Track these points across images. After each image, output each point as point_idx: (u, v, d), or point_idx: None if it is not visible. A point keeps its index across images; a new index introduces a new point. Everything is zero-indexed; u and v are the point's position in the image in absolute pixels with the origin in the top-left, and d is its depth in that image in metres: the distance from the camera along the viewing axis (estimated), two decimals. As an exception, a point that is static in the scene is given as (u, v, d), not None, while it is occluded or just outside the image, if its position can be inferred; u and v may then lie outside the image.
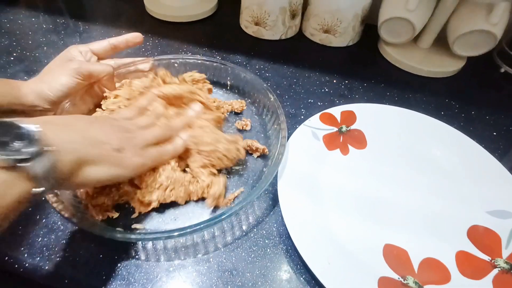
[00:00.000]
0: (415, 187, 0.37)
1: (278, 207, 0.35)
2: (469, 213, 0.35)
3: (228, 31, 0.61)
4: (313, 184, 0.36)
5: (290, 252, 0.32)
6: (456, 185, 0.37)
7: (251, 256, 0.31)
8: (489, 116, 0.48)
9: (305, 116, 0.45)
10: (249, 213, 0.34)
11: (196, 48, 0.56)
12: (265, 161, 0.38)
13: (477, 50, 0.50)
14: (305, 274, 0.30)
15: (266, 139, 0.41)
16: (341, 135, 0.41)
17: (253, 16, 0.57)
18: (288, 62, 0.54)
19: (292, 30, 0.60)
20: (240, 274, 0.30)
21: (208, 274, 0.30)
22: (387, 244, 0.32)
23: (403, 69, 0.55)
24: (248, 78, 0.43)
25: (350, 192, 0.36)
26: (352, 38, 0.58)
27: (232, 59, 0.54)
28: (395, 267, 0.30)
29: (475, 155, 0.39)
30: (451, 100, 0.50)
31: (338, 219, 0.33)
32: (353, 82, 0.52)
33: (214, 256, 0.31)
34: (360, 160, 0.39)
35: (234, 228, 0.33)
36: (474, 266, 0.31)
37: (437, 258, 0.31)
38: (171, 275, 0.29)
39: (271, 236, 0.33)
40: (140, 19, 0.62)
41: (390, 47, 0.56)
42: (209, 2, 0.64)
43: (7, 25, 0.57)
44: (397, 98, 0.49)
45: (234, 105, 0.43)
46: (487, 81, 0.54)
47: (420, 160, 0.40)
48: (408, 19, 0.49)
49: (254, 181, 0.37)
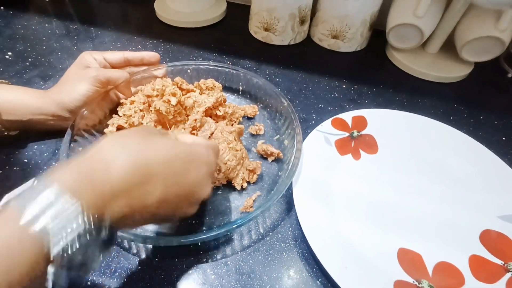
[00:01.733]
0: (427, 192, 0.38)
1: (293, 211, 0.35)
2: (480, 217, 0.35)
3: (237, 37, 0.62)
4: (327, 189, 0.37)
5: (306, 256, 0.32)
6: (467, 190, 0.38)
7: (267, 260, 0.32)
8: (497, 121, 0.48)
9: (316, 121, 0.46)
10: (266, 217, 0.35)
11: (207, 53, 0.57)
12: (279, 165, 0.39)
13: (485, 56, 0.51)
14: (321, 278, 0.31)
15: (279, 144, 0.41)
16: (353, 140, 0.42)
17: (263, 22, 0.58)
18: (297, 68, 0.55)
19: (300, 36, 0.61)
20: (258, 277, 0.30)
21: (227, 277, 0.30)
22: (401, 248, 0.32)
23: (411, 74, 0.55)
24: (260, 84, 0.44)
25: (363, 196, 0.37)
26: (360, 44, 0.59)
27: (242, 64, 0.55)
28: (410, 271, 0.31)
29: (486, 160, 0.40)
30: (460, 105, 0.50)
31: (352, 223, 0.34)
32: (362, 87, 0.52)
33: (232, 260, 0.31)
34: (372, 165, 0.40)
35: (251, 232, 0.34)
36: (487, 270, 0.31)
37: (450, 262, 0.32)
38: (191, 277, 0.30)
39: (287, 239, 0.33)
40: (151, 24, 0.63)
41: (398, 52, 0.57)
42: (218, 8, 0.65)
43: (21, 30, 0.58)
44: (406, 103, 0.50)
45: (247, 110, 0.44)
46: (495, 86, 0.55)
47: (431, 165, 0.40)
48: (417, 25, 0.50)
49: (269, 185, 0.37)
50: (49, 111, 0.36)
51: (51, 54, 0.53)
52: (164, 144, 0.24)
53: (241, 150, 0.36)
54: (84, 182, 0.20)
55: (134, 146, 0.23)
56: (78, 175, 0.20)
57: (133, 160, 0.22)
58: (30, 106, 0.35)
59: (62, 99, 0.36)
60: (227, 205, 0.35)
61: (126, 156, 0.22)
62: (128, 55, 0.41)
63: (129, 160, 0.21)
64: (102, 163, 0.21)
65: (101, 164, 0.21)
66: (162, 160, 0.23)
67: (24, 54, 0.53)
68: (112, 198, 0.20)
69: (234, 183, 0.35)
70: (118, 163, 0.21)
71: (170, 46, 0.58)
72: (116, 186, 0.20)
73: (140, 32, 0.61)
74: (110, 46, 0.57)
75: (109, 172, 0.20)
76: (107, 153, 0.22)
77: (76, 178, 0.20)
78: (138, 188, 0.21)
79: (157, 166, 0.22)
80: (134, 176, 0.21)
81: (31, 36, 0.57)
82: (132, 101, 0.40)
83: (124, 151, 0.22)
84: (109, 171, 0.20)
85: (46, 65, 0.51)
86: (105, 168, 0.21)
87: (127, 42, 0.58)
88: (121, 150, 0.22)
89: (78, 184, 0.19)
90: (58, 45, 0.56)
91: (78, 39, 0.58)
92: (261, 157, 0.40)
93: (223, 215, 0.34)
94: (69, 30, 0.60)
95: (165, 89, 0.37)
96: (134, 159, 0.22)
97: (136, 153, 0.22)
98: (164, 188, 0.22)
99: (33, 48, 0.54)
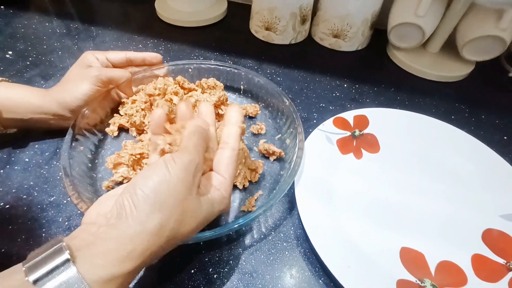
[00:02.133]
0: (429, 191, 0.38)
1: (295, 210, 0.35)
2: (482, 216, 0.35)
3: (238, 36, 0.61)
4: (329, 188, 0.37)
5: (308, 255, 0.32)
6: (469, 189, 0.38)
7: (270, 259, 0.32)
8: (499, 120, 0.48)
9: (317, 120, 0.46)
10: (268, 216, 0.35)
11: (208, 52, 0.57)
12: (281, 165, 0.39)
13: (486, 55, 0.51)
14: (324, 277, 0.31)
15: (281, 143, 0.41)
16: (354, 139, 0.42)
17: (264, 21, 0.58)
18: (298, 67, 0.55)
19: (301, 35, 0.60)
20: (260, 276, 0.30)
21: (229, 276, 0.30)
22: (404, 247, 0.32)
23: (412, 73, 0.55)
24: (262, 83, 0.44)
25: (365, 195, 0.37)
26: (361, 43, 0.59)
27: (243, 64, 0.55)
28: (413, 270, 0.31)
29: (487, 159, 0.40)
30: (461, 105, 0.50)
31: (354, 223, 0.34)
32: (363, 86, 0.52)
33: (234, 259, 0.31)
34: (373, 164, 0.40)
35: (253, 231, 0.34)
36: (490, 269, 0.31)
37: (453, 261, 0.32)
38: (193, 277, 0.30)
39: (289, 239, 0.33)
40: (151, 23, 0.63)
41: (399, 51, 0.57)
42: (219, 7, 0.65)
43: (21, 30, 0.58)
44: (407, 102, 0.50)
45: (248, 109, 0.44)
46: (496, 85, 0.55)
47: (433, 164, 0.40)
48: (418, 25, 0.50)
49: (271, 184, 0.37)
50: (51, 110, 0.36)
51: (51, 53, 0.53)
52: (193, 224, 0.23)
53: (243, 149, 0.36)
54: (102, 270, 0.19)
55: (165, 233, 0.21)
56: (107, 268, 0.19)
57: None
58: (31, 104, 0.35)
59: (64, 98, 0.35)
60: (229, 204, 0.35)
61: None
62: (130, 55, 0.41)
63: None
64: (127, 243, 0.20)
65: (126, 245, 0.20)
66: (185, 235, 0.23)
67: (24, 53, 0.53)
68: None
69: (236, 182, 0.35)
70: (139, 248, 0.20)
71: (171, 45, 0.58)
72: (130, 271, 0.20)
73: (140, 31, 0.60)
74: (111, 46, 0.57)
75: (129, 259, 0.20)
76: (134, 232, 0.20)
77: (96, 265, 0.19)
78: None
79: (180, 242, 0.24)
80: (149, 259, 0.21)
81: (31, 35, 0.57)
82: (133, 100, 0.40)
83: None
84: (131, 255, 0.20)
85: (47, 64, 0.51)
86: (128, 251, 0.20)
87: (128, 41, 0.58)
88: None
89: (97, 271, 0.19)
90: (59, 44, 0.55)
91: (79, 38, 0.57)
92: (262, 156, 0.40)
93: (225, 214, 0.34)
94: (69, 29, 0.60)
95: (167, 88, 0.37)
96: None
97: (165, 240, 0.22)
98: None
99: (33, 47, 0.54)
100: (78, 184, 0.31)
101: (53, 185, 0.36)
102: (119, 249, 0.20)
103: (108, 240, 0.20)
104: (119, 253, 0.19)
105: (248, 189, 0.36)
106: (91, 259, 0.19)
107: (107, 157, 0.37)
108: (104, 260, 0.19)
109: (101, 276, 0.19)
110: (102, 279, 0.19)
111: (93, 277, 0.18)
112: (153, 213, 0.21)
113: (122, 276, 0.19)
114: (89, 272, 0.18)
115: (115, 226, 0.20)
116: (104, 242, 0.20)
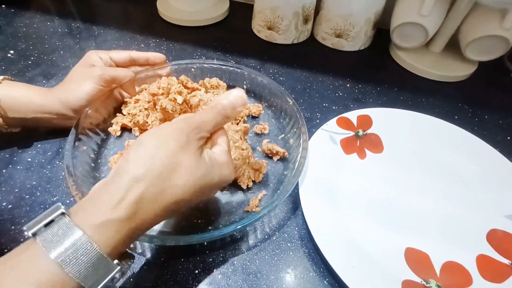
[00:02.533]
0: (433, 191, 0.37)
1: (299, 210, 0.35)
2: (487, 217, 0.35)
3: (240, 36, 0.61)
4: (333, 188, 0.36)
5: (313, 256, 0.32)
6: (473, 190, 0.38)
7: (274, 259, 0.31)
8: (502, 120, 0.48)
9: (320, 120, 0.45)
10: (272, 217, 0.35)
11: (210, 52, 0.57)
12: (284, 164, 0.39)
13: (490, 55, 0.51)
14: (328, 277, 0.30)
15: (284, 143, 0.41)
16: (358, 139, 0.42)
17: (266, 20, 0.58)
18: (301, 66, 0.55)
19: (304, 35, 0.60)
20: (265, 276, 0.30)
21: (233, 277, 0.30)
22: (409, 247, 0.32)
23: (415, 73, 0.55)
24: (265, 82, 0.44)
25: (369, 196, 0.36)
26: (364, 43, 0.59)
27: (246, 63, 0.54)
28: (418, 270, 0.31)
29: (491, 160, 0.40)
30: (464, 105, 0.50)
31: (358, 223, 0.34)
32: (366, 86, 0.52)
33: (238, 259, 0.31)
34: (377, 164, 0.40)
35: (257, 232, 0.33)
36: (495, 269, 0.31)
37: (458, 261, 0.32)
38: (197, 277, 0.30)
39: (293, 239, 0.33)
40: (153, 23, 0.63)
41: (401, 51, 0.57)
42: (221, 7, 0.65)
43: (23, 29, 0.58)
44: (411, 102, 0.50)
45: (251, 109, 0.44)
46: (499, 85, 0.55)
47: (437, 164, 0.40)
48: (422, 24, 0.50)
49: (274, 184, 0.37)
50: (53, 110, 0.35)
51: (53, 52, 0.53)
52: (190, 181, 0.24)
53: (247, 149, 0.35)
54: (106, 227, 0.21)
55: (158, 184, 0.22)
56: (100, 216, 0.21)
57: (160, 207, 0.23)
58: (34, 103, 0.35)
59: (67, 98, 0.35)
60: (232, 204, 0.35)
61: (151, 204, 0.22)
62: (134, 55, 0.41)
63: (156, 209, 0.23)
64: (122, 203, 0.21)
65: (121, 204, 0.21)
66: (187, 197, 0.24)
67: (26, 53, 0.52)
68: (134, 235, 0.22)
69: (239, 182, 0.35)
70: (144, 212, 0.22)
71: (173, 44, 0.58)
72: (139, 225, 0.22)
73: (142, 30, 0.60)
74: (113, 45, 0.57)
75: (131, 218, 0.22)
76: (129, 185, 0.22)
77: (99, 220, 0.21)
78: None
79: (183, 203, 0.24)
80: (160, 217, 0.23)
81: (33, 35, 0.56)
82: (136, 99, 0.40)
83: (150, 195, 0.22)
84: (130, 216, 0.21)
85: (49, 64, 0.51)
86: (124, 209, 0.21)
87: (130, 40, 0.58)
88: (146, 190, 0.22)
89: (102, 231, 0.20)
90: (61, 44, 0.55)
91: (80, 38, 0.57)
92: (266, 156, 0.40)
93: (229, 214, 0.34)
94: (71, 28, 0.59)
95: (171, 87, 0.36)
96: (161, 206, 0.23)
97: (161, 198, 0.23)
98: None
99: (35, 46, 0.54)
100: (82, 184, 0.31)
101: (56, 185, 0.36)
102: (110, 198, 0.21)
103: (101, 193, 0.22)
104: (110, 201, 0.21)
105: (251, 189, 0.36)
106: (85, 210, 0.21)
107: (110, 157, 0.36)
108: (97, 208, 0.21)
109: (94, 221, 0.20)
110: (95, 224, 0.20)
111: (86, 222, 0.20)
112: (143, 164, 0.22)
113: (116, 222, 0.21)
114: (83, 220, 0.20)
115: (110, 182, 0.22)
116: (97, 196, 0.22)
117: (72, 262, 0.19)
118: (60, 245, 0.19)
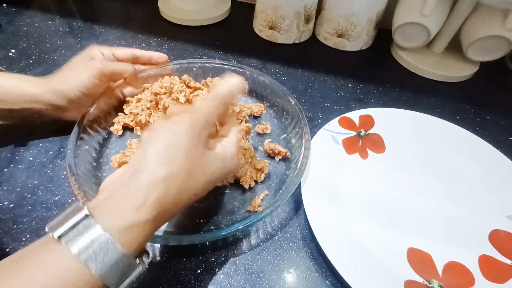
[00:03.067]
0: (435, 192, 0.37)
1: (301, 210, 0.35)
2: (489, 217, 0.35)
3: (241, 35, 0.61)
4: (335, 188, 0.36)
5: (315, 256, 0.32)
6: (475, 190, 0.38)
7: (276, 259, 0.31)
8: (504, 121, 0.48)
9: (322, 120, 0.45)
10: (274, 216, 0.35)
11: (211, 51, 0.56)
12: (286, 164, 0.39)
13: (491, 55, 0.51)
14: (331, 277, 0.30)
15: (286, 143, 0.41)
16: (360, 139, 0.42)
17: (268, 20, 0.58)
18: (302, 66, 0.55)
19: (305, 34, 0.60)
20: (267, 276, 0.30)
21: (235, 277, 0.30)
22: (411, 248, 0.32)
23: (416, 73, 0.55)
24: (267, 82, 0.44)
25: (371, 196, 0.36)
26: (366, 42, 0.59)
27: (247, 63, 0.54)
28: (420, 270, 0.31)
29: (493, 160, 0.40)
30: (466, 105, 0.50)
31: (361, 223, 0.34)
32: (368, 86, 0.52)
33: (240, 259, 0.31)
34: (379, 165, 0.40)
35: (259, 231, 0.33)
36: (497, 270, 0.31)
37: (460, 262, 0.32)
38: (199, 277, 0.30)
39: (295, 239, 0.33)
40: (155, 22, 0.63)
41: (403, 51, 0.57)
42: (223, 6, 0.65)
43: (24, 28, 0.57)
44: (412, 102, 0.50)
45: (253, 109, 0.44)
46: (501, 85, 0.55)
47: (439, 164, 0.40)
48: (424, 24, 0.50)
49: (276, 184, 0.37)
50: (43, 99, 0.34)
51: (54, 51, 0.53)
52: (204, 178, 0.25)
53: (249, 148, 0.35)
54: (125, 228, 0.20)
55: (176, 185, 0.23)
56: (124, 218, 0.20)
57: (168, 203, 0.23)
58: (22, 93, 0.34)
59: (61, 86, 0.34)
60: (234, 204, 0.35)
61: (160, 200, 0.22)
62: (137, 53, 0.41)
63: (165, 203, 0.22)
64: (137, 197, 0.21)
65: (136, 197, 0.21)
66: (199, 191, 0.25)
67: (27, 52, 0.52)
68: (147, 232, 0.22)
69: (242, 182, 0.35)
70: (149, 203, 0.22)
71: (174, 44, 0.58)
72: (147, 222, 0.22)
73: (144, 30, 0.60)
74: (114, 44, 0.56)
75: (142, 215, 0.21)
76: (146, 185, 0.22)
77: (118, 219, 0.20)
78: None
79: (196, 197, 0.25)
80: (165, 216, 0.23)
81: (34, 34, 0.56)
82: (139, 99, 0.40)
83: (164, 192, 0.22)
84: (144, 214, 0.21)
85: (50, 63, 0.51)
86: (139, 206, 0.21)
87: (131, 40, 0.58)
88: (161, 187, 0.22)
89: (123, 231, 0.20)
90: (62, 43, 0.55)
91: (82, 37, 0.57)
92: (268, 156, 0.40)
93: (231, 214, 0.34)
94: (72, 27, 0.59)
95: (173, 86, 0.36)
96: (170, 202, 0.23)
97: (174, 196, 0.23)
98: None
99: (36, 45, 0.54)
100: (83, 183, 0.31)
101: (57, 184, 0.35)
102: (134, 199, 0.21)
103: (123, 193, 0.21)
104: (134, 203, 0.21)
105: (253, 189, 0.36)
106: (108, 211, 0.21)
107: (112, 156, 0.36)
108: (121, 210, 0.21)
109: (120, 224, 0.20)
110: (121, 227, 0.20)
111: (112, 226, 0.20)
112: (163, 164, 0.22)
113: (140, 224, 0.21)
114: (108, 223, 0.20)
115: (130, 180, 0.22)
116: (119, 195, 0.21)
117: (98, 263, 0.19)
118: (87, 248, 0.19)
